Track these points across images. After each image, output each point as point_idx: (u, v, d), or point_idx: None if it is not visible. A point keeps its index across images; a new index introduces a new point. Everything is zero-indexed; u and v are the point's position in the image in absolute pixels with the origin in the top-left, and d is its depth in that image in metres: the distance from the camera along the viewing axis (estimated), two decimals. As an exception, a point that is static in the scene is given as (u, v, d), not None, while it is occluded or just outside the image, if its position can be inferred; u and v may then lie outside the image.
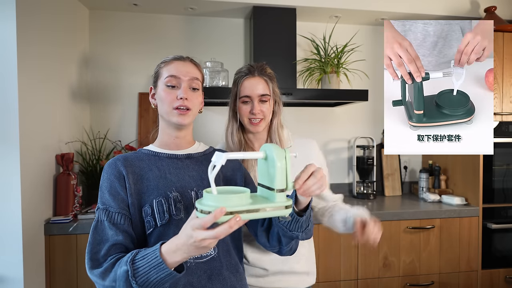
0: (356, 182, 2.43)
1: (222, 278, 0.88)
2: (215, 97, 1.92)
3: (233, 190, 0.75)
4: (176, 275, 0.72)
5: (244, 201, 0.68)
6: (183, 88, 0.90)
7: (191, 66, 0.94)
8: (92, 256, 0.80)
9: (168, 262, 0.70)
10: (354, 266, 1.94)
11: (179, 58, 0.94)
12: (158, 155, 0.94)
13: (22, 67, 1.50)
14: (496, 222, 2.09)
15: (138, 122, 2.27)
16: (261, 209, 0.68)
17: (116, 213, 0.83)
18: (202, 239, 0.64)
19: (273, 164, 0.70)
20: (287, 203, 0.71)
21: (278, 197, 0.70)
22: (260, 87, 1.12)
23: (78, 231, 1.68)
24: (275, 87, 1.16)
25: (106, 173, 0.88)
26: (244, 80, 1.14)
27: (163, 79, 0.92)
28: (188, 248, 0.67)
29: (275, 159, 0.70)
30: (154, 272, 0.70)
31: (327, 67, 2.17)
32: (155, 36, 2.29)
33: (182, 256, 0.70)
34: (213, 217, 0.63)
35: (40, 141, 1.65)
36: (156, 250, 0.71)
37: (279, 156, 0.70)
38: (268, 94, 1.13)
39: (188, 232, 0.67)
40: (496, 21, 2.13)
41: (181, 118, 0.90)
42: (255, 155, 0.74)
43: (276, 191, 0.70)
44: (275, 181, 0.70)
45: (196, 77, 0.94)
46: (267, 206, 0.69)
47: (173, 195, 0.87)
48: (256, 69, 1.15)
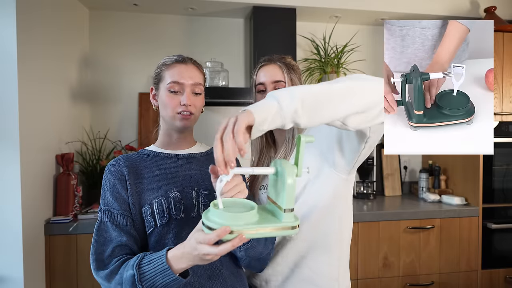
0: (356, 182, 2.43)
1: (222, 278, 0.87)
2: (215, 97, 1.92)
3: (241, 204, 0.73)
4: (182, 280, 0.73)
5: (251, 219, 0.67)
6: (186, 94, 0.89)
7: (194, 70, 0.93)
8: (97, 257, 0.81)
9: (174, 268, 0.71)
10: (354, 266, 1.94)
11: (181, 61, 0.92)
12: (159, 155, 0.94)
13: (22, 67, 1.50)
14: (496, 222, 2.09)
15: (138, 122, 2.27)
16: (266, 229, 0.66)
17: (118, 214, 0.84)
18: (205, 253, 0.66)
19: (283, 182, 0.66)
20: (294, 224, 0.68)
21: (286, 217, 0.67)
22: (274, 73, 1.04)
23: (78, 231, 1.68)
24: (294, 77, 1.06)
25: (107, 174, 0.88)
26: (260, 69, 1.08)
27: (165, 84, 0.91)
28: (193, 258, 0.69)
29: (285, 176, 0.66)
30: (160, 277, 0.71)
31: (327, 67, 2.17)
32: (155, 36, 2.29)
33: (187, 263, 0.71)
34: (216, 236, 0.63)
35: (40, 141, 1.65)
36: (162, 256, 0.72)
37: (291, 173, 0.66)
38: (283, 80, 1.04)
39: (193, 244, 0.68)
40: (496, 21, 2.13)
41: (184, 123, 0.90)
42: (265, 171, 0.70)
43: (284, 210, 0.67)
44: (284, 201, 0.67)
45: (199, 82, 0.92)
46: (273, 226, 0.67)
47: (173, 195, 0.87)
48: (274, 58, 1.08)
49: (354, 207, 2.07)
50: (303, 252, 1.00)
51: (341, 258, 1.04)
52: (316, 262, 1.00)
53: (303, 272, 1.00)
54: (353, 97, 0.68)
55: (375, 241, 1.96)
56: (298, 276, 1.01)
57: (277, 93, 0.65)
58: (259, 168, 0.70)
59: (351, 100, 0.68)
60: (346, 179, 1.00)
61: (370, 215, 1.96)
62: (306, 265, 1.00)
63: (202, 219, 0.67)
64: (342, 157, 0.94)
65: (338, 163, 0.96)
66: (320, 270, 1.00)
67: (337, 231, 1.02)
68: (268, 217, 0.70)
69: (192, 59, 0.95)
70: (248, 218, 0.66)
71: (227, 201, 0.73)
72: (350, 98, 0.68)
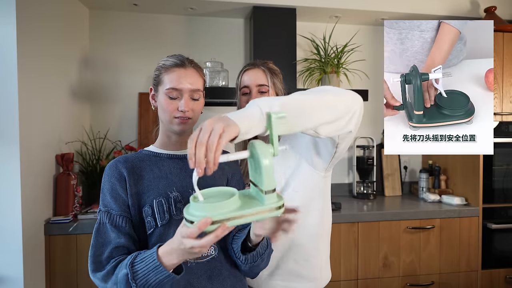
0: (356, 182, 2.43)
1: (222, 278, 0.88)
2: (215, 97, 1.92)
3: (221, 192, 0.71)
4: (175, 277, 0.73)
5: (231, 207, 0.65)
6: (184, 100, 0.88)
7: (193, 75, 0.91)
8: (95, 259, 0.81)
9: (165, 264, 0.71)
10: (354, 266, 1.94)
11: (181, 65, 0.90)
12: (159, 155, 0.94)
13: (22, 67, 1.50)
14: (496, 222, 2.09)
15: (138, 122, 2.27)
16: (249, 214, 0.65)
17: (118, 215, 0.84)
18: (190, 247, 0.66)
19: (259, 164, 0.64)
20: (278, 204, 0.66)
21: (268, 198, 0.65)
22: (258, 77, 1.11)
23: (78, 231, 1.68)
24: (276, 81, 1.13)
25: (107, 175, 0.88)
26: (244, 72, 1.14)
27: (164, 88, 0.89)
28: (182, 252, 0.69)
29: (260, 158, 0.63)
30: (153, 275, 0.71)
31: (327, 67, 2.17)
32: (155, 36, 2.29)
33: (178, 259, 0.71)
34: (198, 229, 0.62)
35: (40, 141, 1.65)
36: (153, 254, 0.73)
37: (265, 154, 0.64)
38: (266, 84, 1.10)
39: (179, 239, 0.68)
40: (496, 21, 2.12)
41: (182, 127, 0.90)
42: (240, 155, 0.67)
43: (265, 192, 0.65)
44: (263, 182, 0.64)
45: (198, 88, 0.91)
46: (256, 209, 0.65)
47: (174, 195, 0.87)
48: (258, 63, 1.14)
49: (354, 207, 2.09)
50: (287, 246, 1.07)
51: (323, 249, 1.13)
52: (301, 254, 1.08)
53: (288, 265, 1.08)
54: (323, 109, 0.76)
55: (375, 241, 1.96)
56: (284, 269, 1.09)
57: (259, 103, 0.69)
58: (233, 154, 0.66)
59: (321, 112, 0.75)
60: (324, 176, 1.07)
61: (370, 215, 1.96)
62: (291, 258, 1.08)
63: (183, 213, 0.66)
64: (319, 157, 1.03)
65: (316, 162, 1.04)
66: (305, 261, 1.09)
67: (319, 223, 1.09)
68: (251, 201, 0.68)
69: (193, 61, 0.93)
70: (229, 206, 0.64)
71: (207, 192, 0.71)
72: (321, 110, 0.75)
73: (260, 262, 0.87)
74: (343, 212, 1.96)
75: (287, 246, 1.07)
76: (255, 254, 0.85)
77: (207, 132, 0.61)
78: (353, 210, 2.01)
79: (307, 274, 1.09)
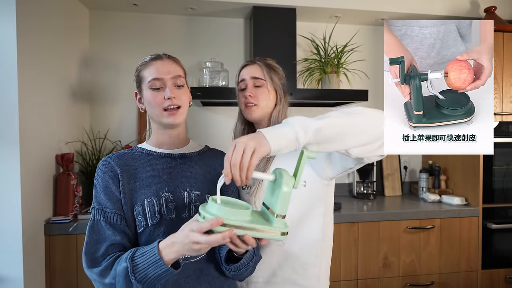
0: (356, 182, 2.43)
1: (211, 279, 0.89)
2: (215, 97, 1.92)
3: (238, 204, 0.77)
4: (173, 271, 0.74)
5: (244, 217, 0.70)
6: (168, 88, 0.89)
7: (171, 64, 0.93)
8: (90, 256, 0.81)
9: (164, 259, 0.73)
10: (354, 266, 1.94)
11: (157, 58, 0.93)
12: (153, 153, 0.94)
13: (22, 67, 1.50)
14: (496, 222, 2.09)
15: (138, 122, 2.27)
16: (256, 229, 0.70)
17: (112, 213, 0.84)
18: (195, 241, 0.68)
19: (279, 189, 0.70)
20: (284, 230, 0.72)
21: (277, 222, 0.71)
22: (254, 70, 1.10)
23: (78, 231, 1.68)
24: (274, 77, 1.11)
25: (100, 172, 0.88)
26: (242, 68, 1.14)
27: (146, 83, 0.91)
28: (183, 247, 0.71)
29: (283, 185, 0.70)
30: (152, 269, 0.73)
31: (327, 67, 2.17)
32: (155, 36, 2.29)
33: (177, 253, 0.73)
34: (209, 224, 0.66)
35: (40, 141, 1.65)
36: (154, 248, 0.74)
37: (288, 183, 0.71)
38: (262, 78, 1.08)
39: (186, 232, 0.70)
40: (496, 21, 2.12)
41: (172, 118, 0.90)
42: (266, 177, 0.74)
43: (276, 215, 0.71)
44: (277, 206, 0.71)
45: (179, 74, 0.92)
46: (264, 228, 0.70)
47: (165, 195, 0.87)
48: (256, 59, 1.14)
49: (354, 207, 2.08)
50: (287, 254, 1.04)
51: (323, 258, 1.08)
52: (299, 262, 1.04)
53: (286, 273, 1.04)
54: (357, 134, 0.79)
55: (375, 241, 1.96)
56: (281, 277, 1.05)
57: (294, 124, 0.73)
58: (260, 174, 0.73)
59: (355, 136, 0.79)
60: (327, 184, 1.06)
61: (370, 215, 1.96)
62: (289, 266, 1.04)
63: (199, 209, 0.70)
64: (330, 168, 1.01)
65: (325, 172, 1.02)
66: (303, 270, 1.05)
67: (320, 231, 1.06)
68: (260, 219, 0.74)
69: (167, 54, 0.95)
70: (242, 216, 0.70)
71: (224, 199, 0.76)
72: (355, 135, 0.79)
73: (244, 271, 0.88)
74: (343, 212, 1.96)
75: (285, 254, 1.04)
76: (239, 265, 0.86)
77: (239, 152, 0.67)
78: (353, 210, 2.01)
79: (304, 283, 1.05)
